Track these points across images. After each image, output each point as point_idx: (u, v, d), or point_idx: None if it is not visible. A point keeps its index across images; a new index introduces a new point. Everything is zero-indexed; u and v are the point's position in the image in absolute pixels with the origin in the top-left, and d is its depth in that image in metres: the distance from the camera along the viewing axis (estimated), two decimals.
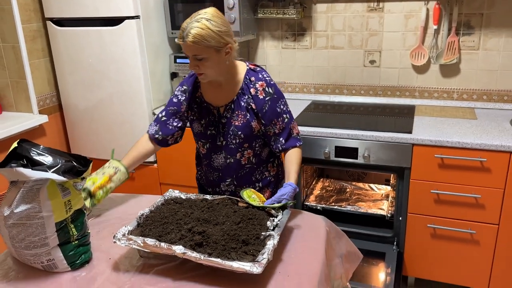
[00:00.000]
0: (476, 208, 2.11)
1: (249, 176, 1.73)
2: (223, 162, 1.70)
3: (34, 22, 2.58)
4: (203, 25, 1.43)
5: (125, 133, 2.62)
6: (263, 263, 1.19)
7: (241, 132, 1.64)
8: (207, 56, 1.48)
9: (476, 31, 2.43)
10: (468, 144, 2.03)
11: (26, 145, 1.31)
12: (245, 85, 1.63)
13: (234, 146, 1.66)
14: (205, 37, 1.43)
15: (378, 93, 2.71)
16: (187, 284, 1.24)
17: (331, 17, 2.65)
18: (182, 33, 1.46)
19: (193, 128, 1.72)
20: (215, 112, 1.67)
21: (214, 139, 1.68)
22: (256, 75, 1.64)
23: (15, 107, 2.63)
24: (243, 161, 1.70)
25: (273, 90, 1.64)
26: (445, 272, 2.28)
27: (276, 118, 1.64)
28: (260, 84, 1.63)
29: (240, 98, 1.63)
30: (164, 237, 1.31)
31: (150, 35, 2.50)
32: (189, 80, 1.71)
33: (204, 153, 1.74)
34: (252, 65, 1.67)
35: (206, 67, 1.51)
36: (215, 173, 1.74)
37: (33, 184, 1.23)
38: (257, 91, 1.62)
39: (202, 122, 1.68)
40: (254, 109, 1.62)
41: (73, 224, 1.32)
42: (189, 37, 1.43)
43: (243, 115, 1.63)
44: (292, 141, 1.67)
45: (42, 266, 1.31)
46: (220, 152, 1.69)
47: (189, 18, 1.47)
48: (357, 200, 2.58)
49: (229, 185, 1.74)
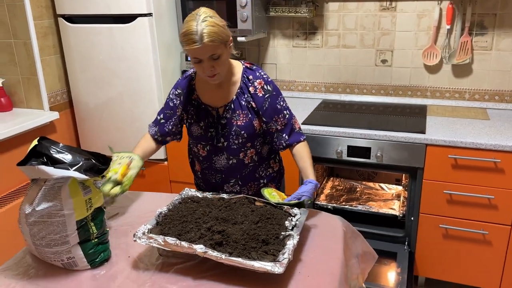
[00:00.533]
0: (489, 209, 2.11)
1: (252, 174, 1.73)
2: (225, 163, 1.69)
3: (45, 19, 2.58)
4: (212, 23, 1.42)
5: (135, 131, 2.61)
6: (284, 263, 1.19)
7: (244, 132, 1.63)
8: (221, 53, 1.47)
9: (489, 31, 2.42)
10: (482, 145, 2.03)
11: (46, 142, 1.31)
12: (243, 84, 1.62)
13: (237, 146, 1.65)
14: (218, 34, 1.42)
15: (389, 93, 2.70)
16: (207, 283, 1.24)
17: (343, 16, 2.65)
18: (194, 36, 1.41)
19: (192, 132, 1.69)
20: (214, 113, 1.65)
21: (215, 140, 1.67)
22: (254, 73, 1.63)
23: (26, 104, 2.63)
24: (247, 160, 1.69)
25: (272, 87, 1.64)
26: (456, 272, 2.28)
27: (277, 115, 1.64)
28: (258, 82, 1.62)
29: (239, 97, 1.62)
30: (183, 235, 1.31)
31: (162, 33, 2.50)
32: (183, 83, 1.68)
33: (204, 155, 1.71)
34: (248, 64, 1.67)
35: (220, 65, 1.49)
36: (218, 174, 1.73)
37: (55, 182, 1.23)
38: (256, 89, 1.62)
39: (201, 124, 1.66)
40: (255, 107, 1.62)
41: (93, 222, 1.32)
42: (206, 37, 1.40)
43: (244, 114, 1.62)
44: (296, 136, 1.67)
45: (62, 264, 1.31)
46: (222, 154, 1.67)
47: (188, 23, 1.43)
48: (367, 200, 2.58)
49: (233, 186, 1.73)
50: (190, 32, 1.41)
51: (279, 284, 1.23)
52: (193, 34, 1.40)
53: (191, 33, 1.41)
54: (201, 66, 1.48)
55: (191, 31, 1.41)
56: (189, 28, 1.42)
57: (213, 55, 1.45)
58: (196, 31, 1.40)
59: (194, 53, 1.44)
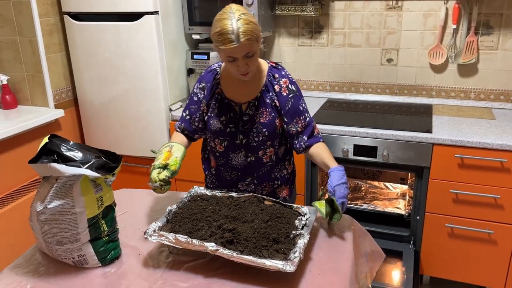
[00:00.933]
0: (495, 208, 2.11)
1: (269, 174, 1.72)
2: (243, 161, 1.67)
3: (51, 16, 2.58)
4: (247, 21, 1.40)
5: (140, 129, 2.61)
6: (295, 261, 1.19)
7: (266, 130, 1.62)
8: (255, 50, 1.46)
9: (495, 31, 2.42)
10: (489, 145, 2.03)
11: (57, 140, 1.31)
12: (268, 81, 1.61)
13: (256, 144, 1.64)
14: (253, 31, 1.41)
15: (394, 92, 2.70)
16: (218, 281, 1.24)
17: (349, 15, 2.64)
18: (231, 36, 1.38)
19: (211, 125, 1.66)
20: (236, 109, 1.63)
21: (233, 137, 1.65)
22: (279, 72, 1.63)
23: (31, 101, 2.63)
24: (265, 159, 1.68)
25: (295, 87, 1.64)
26: (461, 271, 2.29)
27: (298, 116, 1.64)
28: (283, 81, 1.62)
29: (264, 95, 1.61)
30: (194, 233, 1.32)
31: (168, 31, 2.50)
32: (207, 76, 1.67)
33: (221, 151, 1.69)
34: (273, 63, 1.66)
35: (253, 62, 1.48)
36: (234, 172, 1.71)
37: (66, 180, 1.23)
38: (281, 88, 1.61)
39: (222, 119, 1.64)
40: (278, 106, 1.61)
41: (104, 219, 1.32)
42: (243, 36, 1.38)
43: (268, 112, 1.61)
44: (315, 138, 1.67)
45: (73, 262, 1.31)
46: (240, 151, 1.66)
47: (222, 21, 1.40)
48: (372, 199, 2.58)
49: (248, 185, 1.72)
50: (225, 31, 1.38)
51: (290, 283, 1.23)
52: (229, 34, 1.38)
53: (227, 32, 1.38)
54: (235, 64, 1.47)
55: (227, 30, 1.38)
56: (224, 27, 1.39)
57: (249, 53, 1.44)
58: (232, 30, 1.38)
59: (230, 52, 1.42)
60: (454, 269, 2.30)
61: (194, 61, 2.62)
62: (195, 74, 2.70)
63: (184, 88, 2.76)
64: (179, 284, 1.23)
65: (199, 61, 2.61)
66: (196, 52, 2.62)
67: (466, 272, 2.28)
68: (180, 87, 2.70)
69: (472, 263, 2.25)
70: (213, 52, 2.56)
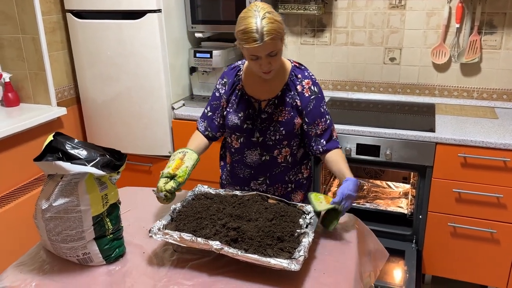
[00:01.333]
0: (498, 208, 2.11)
1: (282, 175, 1.71)
2: (257, 159, 1.67)
3: (54, 14, 2.57)
4: (271, 19, 1.39)
5: (143, 128, 2.61)
6: (300, 260, 1.19)
7: (283, 129, 1.61)
8: (278, 49, 1.45)
9: (499, 30, 2.42)
10: (492, 144, 2.03)
11: (61, 138, 1.31)
12: (290, 81, 1.61)
13: (272, 143, 1.64)
14: (278, 30, 1.40)
15: (397, 91, 2.70)
16: (223, 280, 1.24)
17: (352, 14, 2.64)
18: (255, 35, 1.37)
19: (228, 121, 1.66)
20: (255, 106, 1.62)
21: (250, 134, 1.64)
22: (302, 73, 1.62)
23: (33, 99, 2.62)
24: (280, 159, 1.67)
25: (318, 89, 1.63)
26: (464, 270, 2.29)
27: (319, 118, 1.63)
28: (306, 82, 1.61)
29: (285, 93, 1.60)
30: (198, 232, 1.32)
31: (171, 29, 2.49)
32: (230, 73, 1.67)
33: (237, 147, 1.69)
34: (296, 63, 1.65)
35: (276, 61, 1.47)
36: (247, 170, 1.71)
37: (72, 178, 1.23)
38: (303, 89, 1.60)
39: (240, 115, 1.63)
40: (299, 106, 1.60)
41: (109, 217, 1.32)
42: (267, 35, 1.37)
43: (287, 112, 1.60)
44: (333, 143, 1.65)
45: (78, 260, 1.31)
46: (255, 149, 1.66)
47: (247, 20, 1.39)
48: (375, 198, 2.58)
49: (261, 184, 1.71)
50: (250, 30, 1.37)
51: (295, 281, 1.23)
52: (254, 32, 1.37)
53: (251, 31, 1.37)
54: (258, 62, 1.46)
55: (251, 28, 1.37)
56: (248, 25, 1.38)
57: (272, 52, 1.43)
58: (257, 29, 1.37)
59: (254, 51, 1.41)
60: (457, 268, 2.30)
61: (196, 59, 2.61)
62: (197, 73, 2.70)
63: (187, 87, 2.76)
64: (184, 282, 1.23)
65: (201, 60, 2.61)
66: (199, 50, 2.61)
67: (468, 271, 2.28)
68: (182, 85, 2.70)
69: (474, 262, 2.25)
70: (215, 51, 2.56)
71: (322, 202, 1.46)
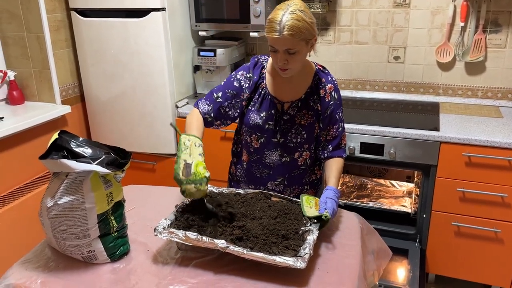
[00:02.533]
0: (502, 207, 2.11)
1: (300, 177, 1.70)
2: (277, 160, 1.65)
3: (58, 12, 2.58)
4: (299, 17, 1.38)
5: (147, 125, 2.62)
6: (306, 258, 1.19)
7: (305, 132, 1.61)
8: (299, 49, 1.42)
9: (504, 29, 2.41)
10: (497, 143, 2.02)
11: (66, 136, 1.31)
12: (314, 84, 1.59)
13: (294, 145, 1.63)
14: (301, 29, 1.38)
15: (401, 90, 2.70)
16: (228, 278, 1.24)
17: (356, 12, 2.64)
18: (277, 26, 1.37)
19: (249, 120, 1.62)
20: (279, 107, 1.61)
21: (271, 134, 1.62)
22: (326, 77, 1.61)
23: (38, 97, 2.63)
24: (300, 162, 1.66)
25: (337, 95, 1.62)
26: (467, 269, 2.28)
27: (332, 125, 1.63)
28: (329, 87, 1.59)
29: (309, 97, 1.59)
30: (204, 230, 1.32)
31: (175, 27, 2.50)
32: (255, 70, 1.62)
33: (256, 147, 1.66)
34: (320, 66, 1.64)
35: (295, 61, 1.45)
36: (265, 170, 1.68)
37: (77, 176, 1.23)
38: (325, 93, 1.59)
39: (262, 115, 1.61)
40: (319, 110, 1.60)
41: (113, 215, 1.32)
42: (287, 30, 1.37)
43: (310, 115, 1.60)
44: (339, 151, 1.66)
45: (82, 257, 1.32)
46: (275, 150, 1.64)
47: (276, 11, 1.40)
48: (378, 197, 2.58)
49: (278, 185, 1.70)
50: (274, 20, 1.39)
51: (299, 280, 1.23)
52: (276, 23, 1.38)
53: (274, 21, 1.38)
54: (275, 56, 1.46)
55: (275, 19, 1.38)
56: (275, 16, 1.39)
57: (290, 49, 1.41)
58: (280, 21, 1.37)
59: (272, 42, 1.42)
60: (460, 268, 2.30)
61: (200, 58, 2.62)
62: (201, 71, 2.71)
63: (191, 85, 2.76)
64: (188, 280, 1.24)
65: (205, 58, 2.61)
66: (203, 49, 2.62)
67: (472, 270, 2.28)
68: (186, 84, 2.70)
69: (478, 261, 2.24)
70: (219, 49, 2.56)
71: (312, 207, 1.44)
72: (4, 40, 2.55)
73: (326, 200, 1.42)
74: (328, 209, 1.38)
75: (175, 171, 1.36)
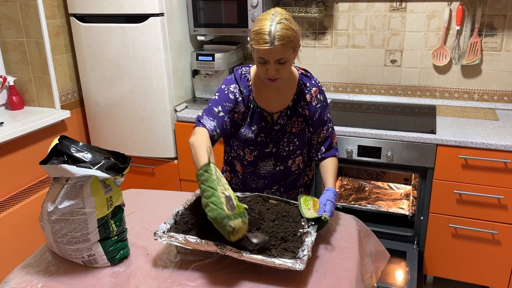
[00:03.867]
0: (499, 209, 2.12)
1: (295, 182, 1.72)
2: (271, 169, 1.66)
3: (58, 18, 2.60)
4: (287, 26, 1.38)
5: (145, 130, 2.63)
6: (304, 259, 1.21)
7: (297, 139, 1.61)
8: (288, 58, 1.42)
9: (499, 32, 2.43)
10: (493, 145, 2.04)
11: (66, 141, 1.33)
12: (299, 90, 1.59)
13: (286, 154, 1.63)
14: (290, 38, 1.39)
15: (398, 93, 2.72)
16: (227, 280, 1.26)
17: (353, 16, 2.66)
18: (266, 37, 1.36)
19: (241, 135, 1.60)
20: (268, 119, 1.60)
21: (264, 146, 1.62)
22: (310, 81, 1.61)
23: (37, 102, 2.65)
24: (294, 168, 1.68)
25: (323, 97, 1.63)
26: (465, 271, 2.30)
27: (322, 126, 1.64)
28: (314, 90, 1.60)
29: (296, 104, 1.59)
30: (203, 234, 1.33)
31: (173, 32, 2.52)
32: (243, 83, 1.59)
33: (250, 160, 1.65)
34: (302, 70, 1.63)
35: (285, 70, 1.45)
36: (260, 180, 1.69)
37: (77, 181, 1.25)
38: (311, 98, 1.60)
39: (254, 128, 1.60)
40: (307, 115, 1.61)
41: (113, 220, 1.34)
42: (278, 40, 1.36)
43: (300, 122, 1.60)
44: (331, 151, 1.67)
45: (83, 261, 1.33)
46: (269, 160, 1.64)
47: (262, 22, 1.39)
48: (376, 199, 2.60)
49: (274, 192, 1.71)
50: (263, 31, 1.37)
51: (297, 282, 1.25)
52: (265, 35, 1.36)
53: (263, 33, 1.37)
54: (265, 67, 1.44)
55: (264, 30, 1.37)
56: (262, 27, 1.37)
57: (281, 59, 1.41)
58: (270, 31, 1.36)
59: (263, 53, 1.40)
60: (458, 269, 2.31)
61: (199, 62, 2.64)
62: (200, 75, 2.72)
63: (189, 89, 2.78)
64: (188, 283, 1.25)
65: (204, 62, 2.63)
66: (201, 53, 2.63)
67: (469, 272, 2.29)
68: (185, 88, 2.72)
69: (475, 263, 2.26)
70: (218, 54, 2.58)
71: (310, 208, 1.46)
72: (4, 45, 2.57)
73: (326, 202, 1.43)
74: (328, 212, 1.40)
75: (217, 206, 1.18)
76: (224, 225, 1.17)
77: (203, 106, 2.64)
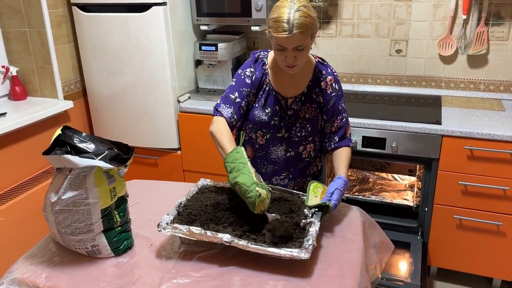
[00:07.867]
0: (504, 200, 2.11)
1: (304, 170, 1.72)
2: (282, 155, 1.66)
3: (60, 8, 2.58)
4: (305, 13, 1.37)
5: (148, 120, 2.62)
6: (309, 249, 1.20)
7: (309, 125, 1.61)
8: (306, 45, 1.42)
9: (506, 21, 2.39)
10: (499, 136, 2.02)
11: (69, 132, 1.32)
12: (315, 77, 1.60)
13: (298, 139, 1.64)
14: (309, 25, 1.38)
15: (403, 83, 2.69)
16: (231, 271, 1.26)
17: (358, 5, 2.62)
18: (285, 25, 1.36)
19: (255, 117, 1.62)
20: (283, 103, 1.61)
21: (276, 130, 1.63)
22: (326, 69, 1.62)
23: (40, 93, 2.64)
24: (304, 155, 1.68)
25: (338, 86, 1.63)
26: (469, 262, 2.29)
27: (336, 116, 1.63)
28: (329, 78, 1.60)
29: (311, 90, 1.60)
30: (206, 225, 1.33)
31: (176, 22, 2.49)
32: (257, 66, 1.62)
33: (262, 143, 1.67)
34: (319, 58, 1.64)
35: (302, 56, 1.45)
36: (270, 166, 1.70)
37: (80, 171, 1.24)
38: (326, 86, 1.60)
39: (267, 111, 1.61)
40: (321, 103, 1.61)
41: (117, 210, 1.33)
42: (297, 28, 1.36)
43: (313, 108, 1.61)
44: (345, 141, 1.67)
45: (86, 252, 1.33)
46: (280, 145, 1.65)
47: (280, 9, 1.38)
48: (380, 190, 2.59)
49: (283, 179, 1.71)
50: (281, 19, 1.37)
51: (302, 273, 1.24)
52: (284, 22, 1.36)
53: (282, 21, 1.37)
54: (283, 54, 1.45)
55: (283, 18, 1.37)
56: (280, 15, 1.37)
57: (299, 46, 1.41)
58: (288, 19, 1.36)
59: (281, 41, 1.40)
60: (462, 261, 2.30)
61: (202, 52, 2.62)
62: (203, 66, 2.70)
63: (192, 80, 2.76)
64: (191, 273, 1.25)
65: (207, 52, 2.61)
66: (204, 43, 2.61)
67: (474, 263, 2.29)
68: (188, 78, 2.70)
69: (480, 254, 2.25)
70: (221, 43, 2.56)
71: (317, 196, 1.46)
72: (6, 35, 2.56)
73: (334, 190, 1.43)
74: (334, 200, 1.40)
75: (247, 175, 1.28)
76: (252, 190, 1.24)
77: (206, 96, 2.63)
